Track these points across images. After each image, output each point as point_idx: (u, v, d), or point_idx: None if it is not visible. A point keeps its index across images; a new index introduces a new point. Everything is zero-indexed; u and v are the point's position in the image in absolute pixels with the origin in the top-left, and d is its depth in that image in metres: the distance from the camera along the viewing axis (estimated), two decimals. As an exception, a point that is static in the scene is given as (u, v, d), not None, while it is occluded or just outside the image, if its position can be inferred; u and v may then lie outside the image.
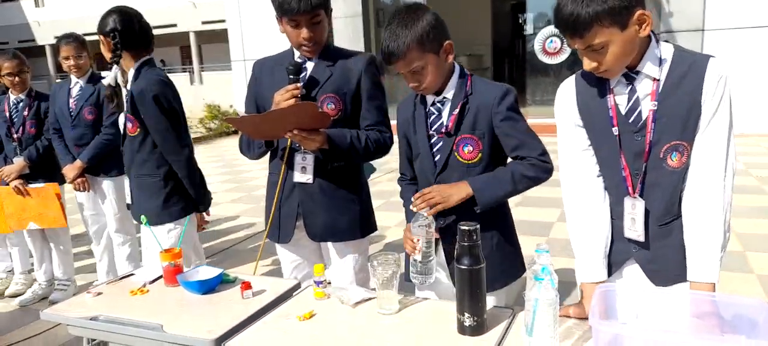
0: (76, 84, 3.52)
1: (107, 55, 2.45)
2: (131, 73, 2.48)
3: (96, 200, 3.62)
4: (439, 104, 1.80)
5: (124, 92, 2.51)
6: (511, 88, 1.77)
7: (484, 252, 1.45)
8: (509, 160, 1.82)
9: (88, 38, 3.70)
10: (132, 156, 2.55)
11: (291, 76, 2.02)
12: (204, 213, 2.69)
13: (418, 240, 1.68)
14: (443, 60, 1.74)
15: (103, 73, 2.63)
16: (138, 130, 2.49)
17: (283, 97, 1.98)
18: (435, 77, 1.73)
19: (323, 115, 1.95)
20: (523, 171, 1.74)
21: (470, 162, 1.78)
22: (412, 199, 1.77)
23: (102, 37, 2.46)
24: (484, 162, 1.78)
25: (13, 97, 3.69)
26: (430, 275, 1.71)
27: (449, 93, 1.78)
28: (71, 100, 3.51)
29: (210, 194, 2.69)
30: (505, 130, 1.75)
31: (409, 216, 1.90)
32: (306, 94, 2.07)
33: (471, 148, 1.77)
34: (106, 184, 3.55)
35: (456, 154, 1.78)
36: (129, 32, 2.42)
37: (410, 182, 2.00)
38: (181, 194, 2.56)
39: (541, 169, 1.75)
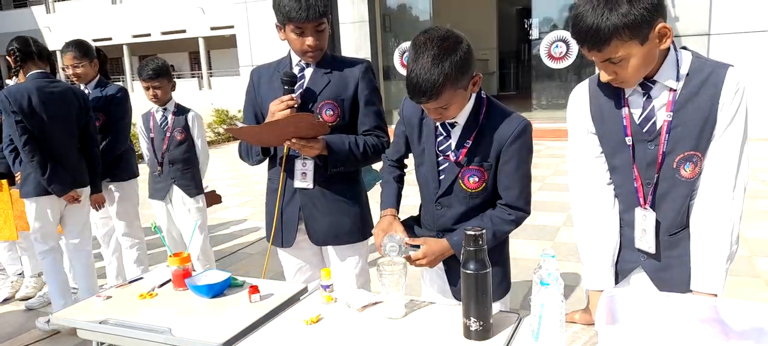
0: (84, 90, 3.55)
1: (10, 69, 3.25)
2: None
3: (105, 204, 3.65)
4: (448, 126, 1.75)
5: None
6: (529, 125, 1.71)
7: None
8: (490, 211, 1.78)
9: (96, 44, 3.73)
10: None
11: (286, 87, 2.04)
12: (71, 193, 3.27)
13: (386, 255, 1.71)
14: (470, 92, 1.67)
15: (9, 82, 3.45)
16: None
17: (278, 108, 2.00)
18: (458, 110, 1.67)
19: (321, 123, 1.98)
20: (503, 228, 1.74)
21: (473, 191, 1.76)
22: (412, 256, 1.73)
23: (7, 56, 3.23)
24: (487, 191, 1.77)
25: None
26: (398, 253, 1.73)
27: (461, 119, 1.72)
28: None
29: (61, 176, 3.21)
30: (507, 168, 1.72)
31: (387, 198, 1.94)
32: (302, 104, 2.10)
33: (476, 179, 1.74)
34: (114, 188, 3.57)
35: (461, 182, 1.76)
36: (26, 50, 3.17)
37: (395, 166, 1.99)
38: (34, 178, 3.21)
39: (517, 223, 1.76)
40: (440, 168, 1.79)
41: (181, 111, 3.52)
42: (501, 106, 1.75)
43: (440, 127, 1.77)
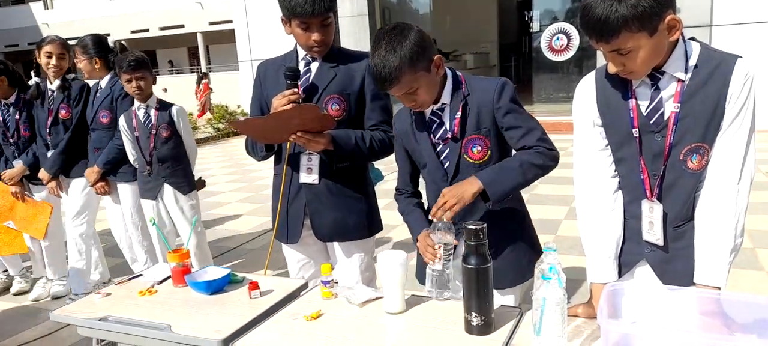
0: (99, 86, 3.49)
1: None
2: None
3: (116, 201, 3.62)
4: (438, 112, 1.79)
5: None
6: (507, 81, 1.77)
7: (500, 249, 1.44)
8: (514, 152, 1.80)
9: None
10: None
11: (289, 82, 2.02)
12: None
13: (439, 247, 1.67)
14: (435, 75, 1.72)
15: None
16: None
17: (281, 103, 1.98)
18: (429, 94, 1.73)
19: (326, 116, 1.96)
20: (530, 159, 1.71)
21: (481, 161, 1.77)
22: (431, 214, 1.73)
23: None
24: (494, 159, 1.78)
25: (3, 101, 3.72)
26: (445, 288, 1.70)
27: (447, 99, 1.77)
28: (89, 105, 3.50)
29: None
30: (510, 123, 1.74)
31: (415, 225, 1.90)
32: (307, 99, 2.08)
33: (480, 148, 1.76)
34: (122, 187, 3.53)
35: (465, 156, 1.77)
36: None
37: (411, 195, 1.98)
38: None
39: (548, 157, 1.73)
40: (442, 156, 1.80)
41: (164, 106, 3.37)
42: (478, 77, 1.83)
43: (432, 116, 1.81)
